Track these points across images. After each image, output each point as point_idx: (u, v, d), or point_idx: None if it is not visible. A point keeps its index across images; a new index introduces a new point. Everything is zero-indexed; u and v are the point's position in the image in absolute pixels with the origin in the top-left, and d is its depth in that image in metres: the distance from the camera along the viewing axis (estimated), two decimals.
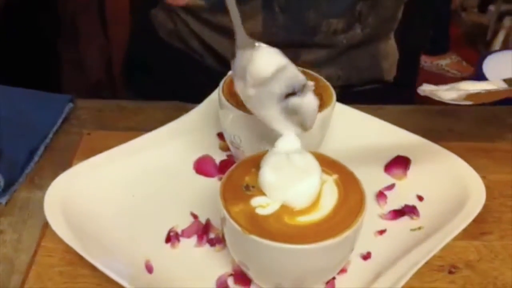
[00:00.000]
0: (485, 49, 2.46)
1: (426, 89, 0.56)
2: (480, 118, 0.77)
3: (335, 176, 0.52)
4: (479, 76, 1.60)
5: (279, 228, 0.47)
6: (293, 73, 0.51)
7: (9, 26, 1.23)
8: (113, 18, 1.53)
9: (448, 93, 0.56)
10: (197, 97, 0.71)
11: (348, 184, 0.51)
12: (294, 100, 0.51)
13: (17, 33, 1.29)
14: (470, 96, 0.56)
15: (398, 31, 0.86)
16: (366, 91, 0.87)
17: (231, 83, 0.63)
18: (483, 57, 1.71)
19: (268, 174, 0.50)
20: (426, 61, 2.42)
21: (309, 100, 0.51)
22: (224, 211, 0.48)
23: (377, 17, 0.80)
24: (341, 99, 0.64)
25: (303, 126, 0.52)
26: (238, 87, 0.53)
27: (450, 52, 2.49)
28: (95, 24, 1.55)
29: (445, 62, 2.46)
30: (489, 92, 0.56)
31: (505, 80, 0.57)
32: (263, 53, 0.51)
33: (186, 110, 0.70)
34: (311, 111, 0.52)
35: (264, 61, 0.50)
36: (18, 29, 1.30)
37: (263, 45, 0.51)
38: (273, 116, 0.52)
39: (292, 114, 0.52)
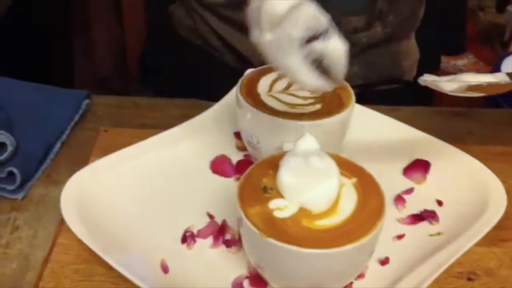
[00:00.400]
0: (503, 50, 2.44)
1: (427, 79, 0.54)
2: (500, 121, 0.76)
3: (354, 180, 0.51)
4: None
5: (296, 232, 0.47)
6: (313, 13, 0.45)
7: (19, 17, 1.23)
8: (129, 4, 1.51)
9: (449, 84, 0.53)
10: (215, 95, 0.71)
11: (368, 188, 0.50)
12: (317, 45, 0.45)
13: (27, 23, 1.29)
14: (471, 88, 0.53)
15: (419, 30, 0.85)
16: (385, 90, 0.86)
17: (249, 82, 0.63)
18: (501, 58, 1.69)
19: (286, 176, 0.49)
20: (443, 61, 2.39)
21: (334, 45, 0.45)
22: (241, 213, 0.48)
23: (398, 15, 0.80)
24: (360, 98, 0.64)
25: (332, 76, 0.47)
26: (255, 36, 0.48)
27: (467, 52, 2.46)
28: (108, 11, 1.53)
29: (462, 62, 2.43)
30: (490, 85, 0.54)
31: (508, 74, 0.55)
32: None
33: (203, 108, 0.70)
34: (338, 57, 0.46)
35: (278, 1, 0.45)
36: (29, 21, 1.30)
37: None
38: (296, 66, 0.46)
39: (318, 62, 0.46)
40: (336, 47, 0.46)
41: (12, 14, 1.07)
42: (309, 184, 0.49)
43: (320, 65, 0.46)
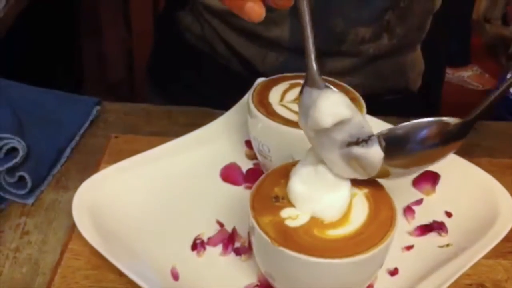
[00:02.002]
0: (507, 62, 2.44)
1: None
2: (508, 133, 0.76)
3: (365, 190, 0.51)
4: None
5: (308, 241, 0.47)
6: (359, 124, 0.47)
7: (30, 22, 1.24)
8: (136, 9, 1.52)
9: None
10: (223, 102, 0.71)
11: (379, 199, 0.51)
12: (357, 150, 0.47)
13: (40, 30, 1.30)
14: None
15: (425, 41, 0.86)
16: (390, 101, 0.86)
17: (261, 91, 0.63)
18: (506, 70, 1.69)
19: (297, 185, 0.50)
20: (448, 73, 2.40)
21: (373, 153, 0.47)
22: (254, 222, 0.48)
23: (405, 27, 0.80)
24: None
25: (365, 173, 0.49)
26: (301, 123, 0.49)
27: (472, 64, 2.47)
28: (117, 17, 1.54)
29: (467, 74, 2.44)
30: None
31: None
32: (328, 101, 0.46)
33: (213, 116, 0.70)
34: (376, 162, 0.48)
35: (327, 111, 0.46)
36: (40, 26, 1.30)
37: (331, 90, 0.47)
38: (333, 160, 0.48)
39: (353, 161, 0.48)
40: (374, 156, 0.47)
41: (24, 18, 1.08)
42: (320, 193, 0.49)
43: (354, 163, 0.48)
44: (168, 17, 0.94)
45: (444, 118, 0.50)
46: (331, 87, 0.47)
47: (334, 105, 0.46)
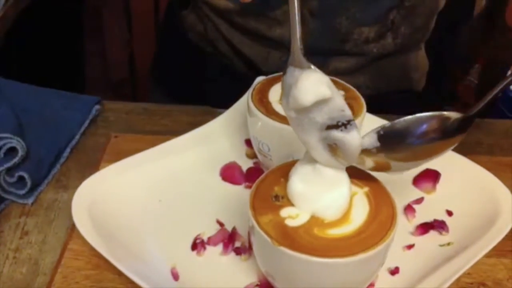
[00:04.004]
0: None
1: None
2: (509, 131, 0.76)
3: (366, 189, 0.51)
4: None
5: (308, 240, 0.47)
6: (339, 106, 0.46)
7: (33, 21, 1.23)
8: (138, 11, 1.52)
9: None
10: (225, 101, 0.71)
11: (379, 197, 0.50)
12: (335, 134, 0.47)
13: (41, 30, 1.30)
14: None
15: (429, 41, 0.85)
16: (394, 100, 0.86)
17: (260, 90, 0.63)
18: (506, 66, 1.68)
19: (297, 184, 0.49)
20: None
21: (352, 137, 0.47)
22: (254, 221, 0.48)
23: (409, 27, 0.79)
24: (368, 108, 0.63)
25: (342, 161, 0.49)
26: (283, 104, 0.50)
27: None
28: (120, 17, 1.54)
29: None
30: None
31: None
32: (309, 80, 0.46)
33: (214, 115, 0.70)
34: (353, 148, 0.47)
35: (307, 90, 0.46)
36: (42, 25, 1.30)
37: (312, 70, 0.46)
38: (312, 143, 0.48)
39: (332, 146, 0.48)
40: (353, 139, 0.47)
41: (24, 18, 1.08)
42: (320, 192, 0.49)
43: (333, 149, 0.48)
44: (171, 16, 0.94)
45: (445, 113, 0.50)
46: (314, 67, 0.47)
47: (315, 84, 0.46)
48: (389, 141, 0.49)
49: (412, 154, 0.51)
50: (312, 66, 0.47)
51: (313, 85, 0.46)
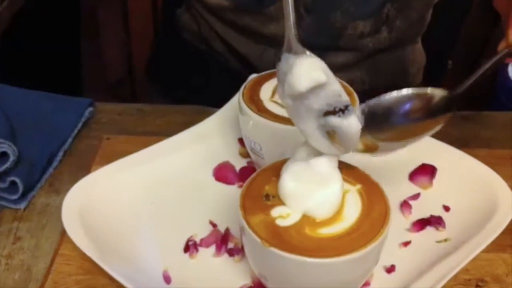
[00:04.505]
0: None
1: None
2: (507, 124, 0.75)
3: (358, 186, 0.50)
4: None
5: (300, 240, 0.46)
6: (336, 92, 0.45)
7: (28, 22, 1.23)
8: (135, 11, 1.51)
9: None
10: (220, 100, 0.71)
11: (372, 195, 0.50)
12: (333, 120, 0.46)
13: (37, 30, 1.29)
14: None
15: (426, 35, 0.84)
16: None
17: (251, 88, 0.62)
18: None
19: (288, 182, 0.48)
20: None
21: (350, 123, 0.45)
22: (244, 222, 0.47)
23: (405, 20, 0.79)
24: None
25: (342, 147, 0.47)
26: (279, 93, 0.49)
27: None
28: (117, 17, 1.54)
29: None
30: None
31: None
32: (304, 65, 0.45)
33: (207, 114, 0.69)
34: (352, 134, 0.46)
35: (303, 75, 0.45)
36: (38, 26, 1.30)
37: (307, 55, 0.46)
38: (310, 131, 0.47)
39: (330, 133, 0.47)
40: (351, 125, 0.46)
41: (22, 18, 1.07)
42: (311, 190, 0.48)
43: (332, 136, 0.47)
44: (166, 16, 0.93)
45: (429, 90, 0.49)
46: (309, 53, 0.46)
47: (309, 69, 0.45)
48: (373, 120, 0.48)
49: (398, 133, 0.50)
50: (308, 52, 0.46)
51: (308, 70, 0.45)
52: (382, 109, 0.48)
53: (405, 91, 0.49)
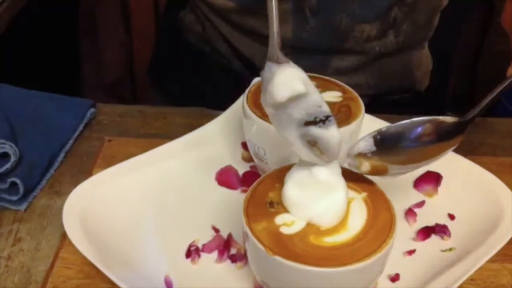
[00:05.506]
0: None
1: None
2: None
3: (364, 194, 0.50)
4: None
5: (304, 249, 0.45)
6: (316, 102, 0.45)
7: (28, 23, 1.23)
8: (137, 12, 1.51)
9: None
10: (223, 102, 0.70)
11: (378, 203, 0.49)
12: (313, 130, 0.46)
13: (37, 30, 1.29)
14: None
15: (433, 40, 0.84)
16: (396, 100, 0.84)
17: (256, 92, 0.61)
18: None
19: (292, 190, 0.48)
20: None
21: (331, 135, 0.46)
22: (247, 229, 0.46)
23: (412, 24, 0.78)
24: (371, 108, 0.62)
25: (324, 157, 0.47)
26: (262, 100, 0.49)
27: None
28: (116, 18, 1.53)
29: None
30: None
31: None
32: (284, 75, 0.45)
33: (209, 117, 0.69)
34: (333, 145, 0.46)
35: (282, 85, 0.45)
36: (37, 26, 1.29)
37: (288, 65, 0.46)
38: (292, 139, 0.48)
39: (311, 143, 0.47)
40: (332, 137, 0.46)
41: (21, 20, 1.07)
42: (316, 198, 0.47)
43: (314, 145, 0.47)
44: (169, 17, 0.93)
45: (440, 117, 0.50)
46: (291, 62, 0.46)
47: (289, 79, 0.45)
48: (385, 145, 0.48)
49: (408, 157, 0.50)
50: (290, 62, 0.46)
51: (287, 80, 0.45)
52: (393, 134, 0.49)
53: (415, 119, 0.50)
